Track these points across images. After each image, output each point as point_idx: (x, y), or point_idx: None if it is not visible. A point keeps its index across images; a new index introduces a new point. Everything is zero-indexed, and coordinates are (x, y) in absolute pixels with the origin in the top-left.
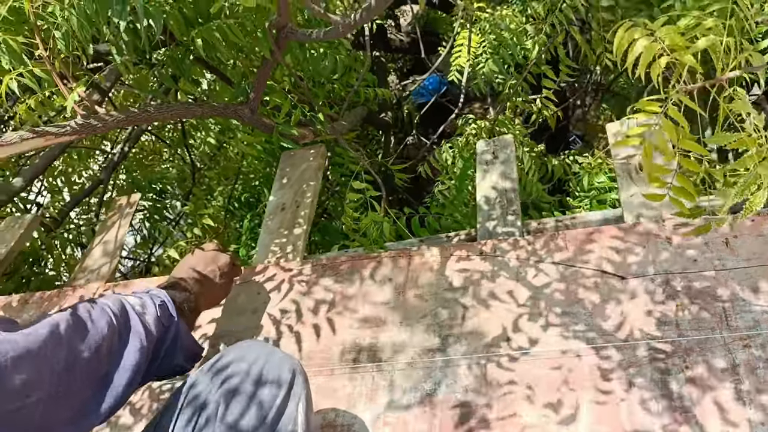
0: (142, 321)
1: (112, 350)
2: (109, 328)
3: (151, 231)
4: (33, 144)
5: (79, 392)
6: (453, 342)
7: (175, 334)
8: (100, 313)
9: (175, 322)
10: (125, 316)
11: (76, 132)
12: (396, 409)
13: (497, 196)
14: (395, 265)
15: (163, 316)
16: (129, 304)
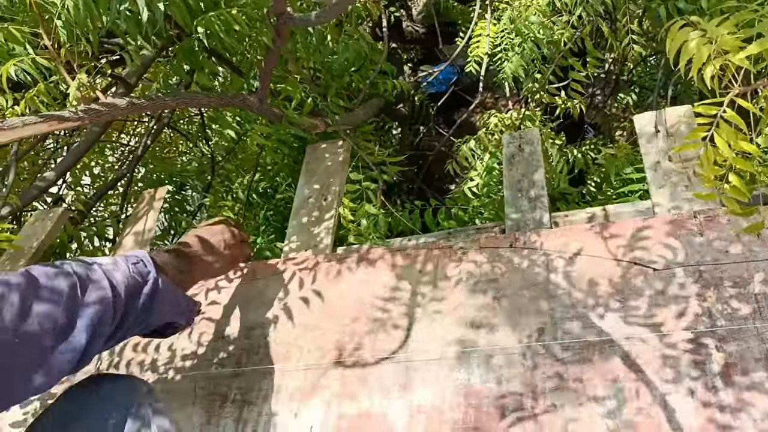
0: (108, 276)
1: (74, 302)
2: (69, 283)
3: (171, 223)
4: (35, 129)
5: (35, 341)
6: (485, 333)
7: (153, 289)
8: (57, 271)
9: (154, 278)
10: (87, 269)
11: (80, 118)
12: (432, 399)
13: (524, 188)
14: (422, 257)
15: (136, 272)
16: (96, 262)
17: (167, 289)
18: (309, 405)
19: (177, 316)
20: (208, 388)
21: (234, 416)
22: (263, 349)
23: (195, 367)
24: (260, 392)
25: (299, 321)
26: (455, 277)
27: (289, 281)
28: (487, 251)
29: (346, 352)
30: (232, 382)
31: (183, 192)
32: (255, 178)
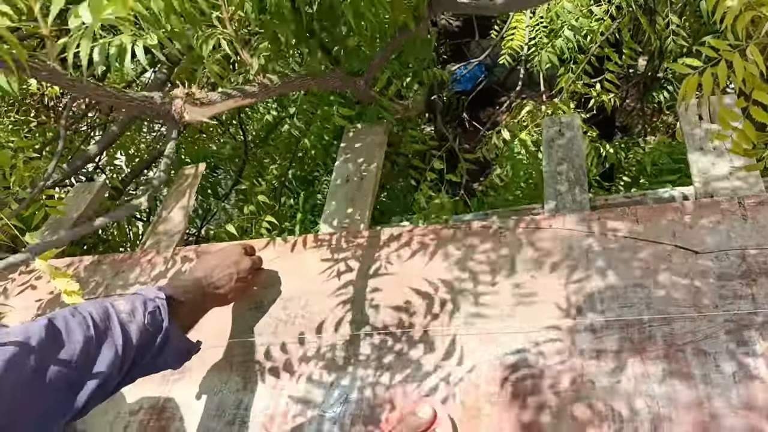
0: (123, 330)
1: (87, 359)
2: (85, 338)
3: (203, 206)
4: (227, 104)
5: (44, 399)
6: (522, 311)
7: (164, 340)
8: (78, 324)
9: (166, 328)
10: (107, 322)
11: (255, 95)
12: (471, 372)
13: (564, 172)
14: (458, 237)
15: (151, 323)
16: (116, 311)
17: (177, 338)
18: (342, 375)
19: (178, 363)
20: (244, 356)
21: (269, 383)
22: (299, 319)
23: (232, 335)
24: (294, 361)
25: (336, 293)
26: (493, 256)
27: (327, 256)
28: (526, 232)
29: (386, 325)
30: (267, 350)
31: (215, 175)
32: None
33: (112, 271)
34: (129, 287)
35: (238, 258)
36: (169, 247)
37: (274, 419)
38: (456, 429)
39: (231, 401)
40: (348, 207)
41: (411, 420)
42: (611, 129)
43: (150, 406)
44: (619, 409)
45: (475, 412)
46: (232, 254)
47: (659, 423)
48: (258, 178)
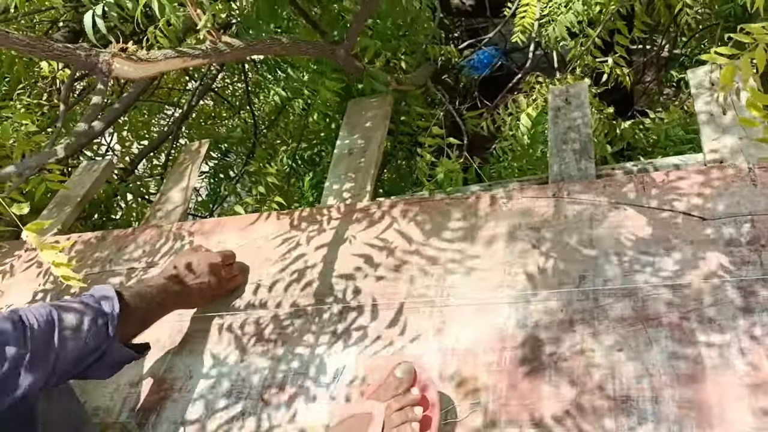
0: (62, 345)
1: (13, 373)
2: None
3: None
4: (173, 64)
5: None
6: (525, 280)
7: (103, 353)
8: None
9: (108, 341)
10: (48, 336)
11: (208, 56)
12: (466, 341)
13: (570, 141)
14: (463, 207)
15: (94, 337)
16: (59, 326)
17: (116, 354)
18: (341, 345)
19: (108, 374)
20: (240, 329)
21: (269, 355)
22: (298, 291)
23: (230, 307)
24: (296, 332)
25: (334, 266)
26: (492, 225)
27: (324, 229)
28: (530, 200)
29: (384, 298)
30: (264, 322)
31: (227, 158)
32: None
33: (115, 246)
34: (132, 262)
35: (216, 268)
36: (170, 223)
37: (270, 390)
38: (442, 396)
39: (229, 373)
40: (350, 180)
41: (390, 381)
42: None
43: (149, 377)
44: (621, 378)
45: (472, 382)
46: (210, 262)
47: (662, 392)
48: (269, 160)
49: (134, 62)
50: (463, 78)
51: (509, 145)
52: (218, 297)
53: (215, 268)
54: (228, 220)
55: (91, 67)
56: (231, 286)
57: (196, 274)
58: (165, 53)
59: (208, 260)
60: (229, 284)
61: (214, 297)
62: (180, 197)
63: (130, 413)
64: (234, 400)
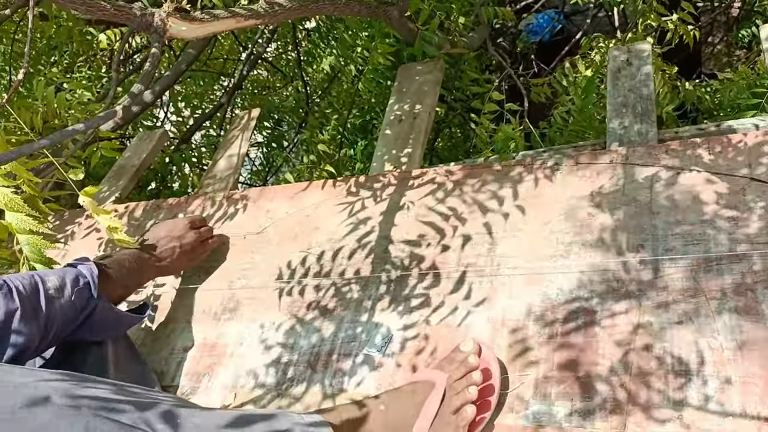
0: (48, 305)
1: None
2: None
3: (268, 158)
4: (227, 24)
5: None
6: (579, 249)
7: (92, 311)
8: (3, 296)
9: (94, 301)
10: (33, 296)
11: (261, 16)
12: (517, 312)
13: (630, 104)
14: (516, 174)
15: (78, 297)
16: (44, 287)
17: (104, 311)
18: (389, 313)
19: (112, 333)
20: (291, 296)
21: (319, 322)
22: (345, 260)
23: (280, 275)
24: (342, 301)
25: (386, 233)
26: (548, 193)
27: (377, 196)
28: (584, 167)
29: (428, 264)
30: (315, 290)
31: (279, 128)
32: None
33: (168, 214)
34: None
35: (183, 232)
36: (221, 191)
37: (319, 358)
38: (505, 368)
39: (278, 340)
40: (399, 148)
41: (454, 355)
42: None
43: (202, 343)
44: (680, 350)
45: (522, 353)
46: (177, 228)
47: (724, 366)
48: (320, 128)
49: (189, 21)
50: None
51: (566, 110)
52: (195, 260)
53: (183, 233)
54: (278, 189)
55: (147, 26)
56: (204, 248)
57: (166, 240)
58: (218, 13)
59: (176, 226)
60: (203, 247)
61: (190, 260)
62: (231, 166)
63: (184, 377)
64: (284, 367)
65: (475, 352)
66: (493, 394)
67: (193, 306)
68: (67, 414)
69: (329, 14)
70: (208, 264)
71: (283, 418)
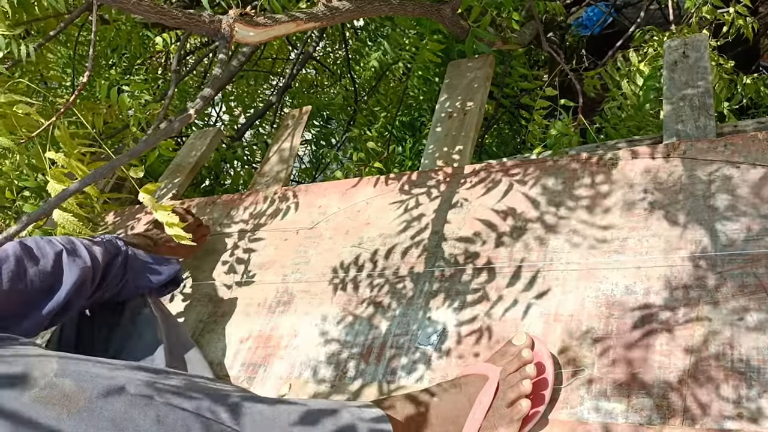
0: (87, 249)
1: (60, 266)
2: (55, 252)
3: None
4: (288, 28)
5: (26, 295)
6: (635, 244)
7: (125, 257)
8: (47, 242)
9: (124, 250)
10: (72, 244)
11: (320, 19)
12: (570, 307)
13: (688, 98)
14: (570, 169)
15: (111, 246)
16: (77, 239)
17: (138, 256)
18: (438, 307)
19: (155, 274)
20: (342, 290)
21: (371, 316)
22: (397, 255)
23: (333, 270)
24: (395, 296)
25: (438, 229)
26: (602, 189)
27: (429, 192)
28: (640, 161)
29: (481, 260)
30: (367, 284)
31: (328, 126)
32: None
33: (222, 210)
34: (236, 224)
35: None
36: (272, 187)
37: (372, 351)
38: (558, 363)
39: (331, 332)
40: (449, 145)
41: (506, 348)
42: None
43: (257, 335)
44: (740, 348)
45: (576, 350)
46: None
47: None
48: (368, 126)
49: (253, 27)
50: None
51: (619, 104)
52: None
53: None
54: (329, 185)
55: (215, 32)
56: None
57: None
58: (279, 17)
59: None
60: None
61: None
62: (283, 163)
63: (241, 368)
64: (337, 359)
65: (528, 345)
66: (547, 389)
67: (248, 299)
68: (139, 404)
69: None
70: (262, 258)
71: (346, 412)
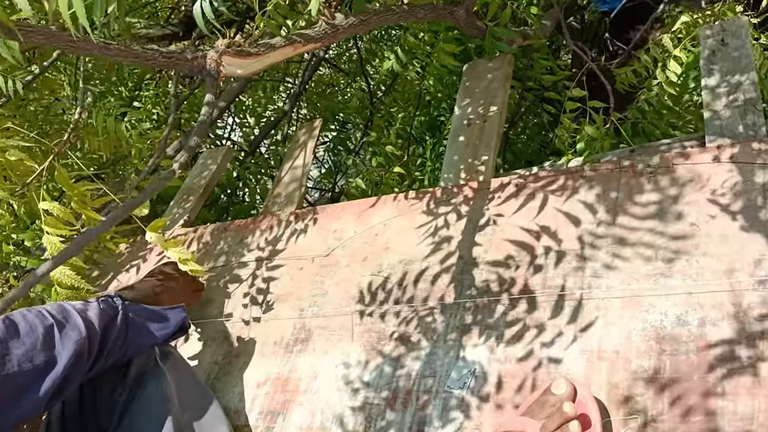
0: (82, 315)
1: (51, 341)
2: (45, 326)
3: (335, 162)
4: (284, 53)
5: (16, 380)
6: (684, 266)
7: (124, 316)
8: (36, 315)
9: (122, 310)
10: (63, 313)
11: (322, 38)
12: (615, 342)
13: (730, 91)
14: (605, 180)
15: (107, 306)
16: (69, 305)
17: (139, 312)
18: (471, 344)
19: (160, 329)
20: (364, 325)
21: (391, 353)
22: (421, 284)
23: (351, 303)
24: (421, 331)
25: (461, 254)
26: (643, 201)
27: (453, 210)
28: (683, 168)
29: (516, 288)
30: (389, 319)
31: (345, 130)
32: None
33: (236, 237)
34: (250, 252)
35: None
36: (287, 210)
37: (398, 395)
38: (606, 411)
39: (352, 374)
40: (471, 154)
41: (545, 398)
42: None
43: (275, 377)
44: None
45: (624, 394)
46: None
47: None
48: (386, 128)
49: (243, 57)
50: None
51: (654, 96)
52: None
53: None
54: (344, 205)
55: (200, 70)
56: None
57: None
58: (275, 42)
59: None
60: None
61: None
62: (295, 182)
63: (259, 416)
64: (360, 405)
65: (570, 396)
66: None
67: (264, 337)
68: None
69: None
70: (278, 290)
71: None
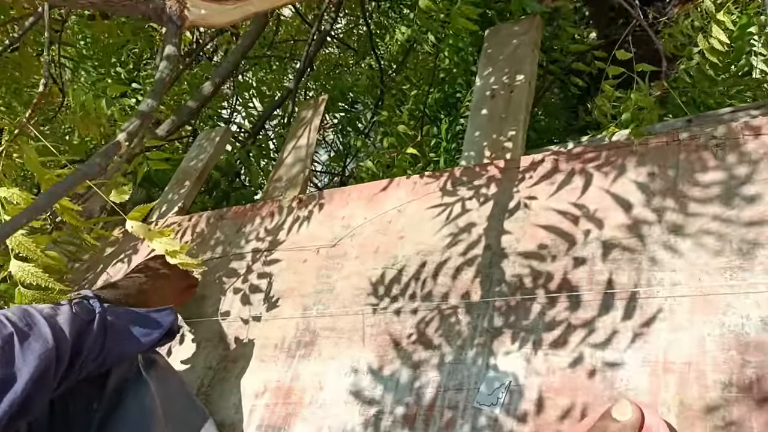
0: (49, 322)
1: (10, 356)
2: (2, 335)
3: (344, 143)
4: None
5: None
6: (759, 258)
7: (102, 323)
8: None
9: (99, 312)
10: (27, 319)
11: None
12: (685, 351)
13: None
14: (660, 155)
15: (80, 310)
16: (36, 309)
17: (120, 315)
18: (503, 351)
19: (145, 334)
20: (376, 326)
21: (408, 359)
22: (442, 278)
23: (362, 300)
24: (443, 334)
25: (488, 243)
26: (707, 181)
27: (477, 193)
28: (755, 139)
29: (552, 284)
30: (405, 320)
31: (354, 109)
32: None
33: (234, 225)
34: (249, 243)
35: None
36: (289, 194)
37: (418, 412)
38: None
39: (364, 385)
40: (496, 129)
41: (605, 425)
42: None
43: (275, 387)
44: None
45: (700, 416)
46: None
47: None
48: (398, 107)
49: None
50: None
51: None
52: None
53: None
54: (352, 189)
55: (158, 15)
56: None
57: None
58: None
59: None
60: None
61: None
62: (299, 163)
63: (257, 431)
64: (374, 421)
65: (636, 422)
66: None
67: (263, 338)
68: None
69: None
70: (279, 285)
71: None
